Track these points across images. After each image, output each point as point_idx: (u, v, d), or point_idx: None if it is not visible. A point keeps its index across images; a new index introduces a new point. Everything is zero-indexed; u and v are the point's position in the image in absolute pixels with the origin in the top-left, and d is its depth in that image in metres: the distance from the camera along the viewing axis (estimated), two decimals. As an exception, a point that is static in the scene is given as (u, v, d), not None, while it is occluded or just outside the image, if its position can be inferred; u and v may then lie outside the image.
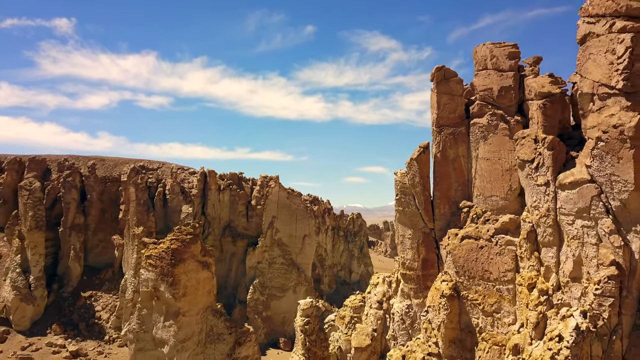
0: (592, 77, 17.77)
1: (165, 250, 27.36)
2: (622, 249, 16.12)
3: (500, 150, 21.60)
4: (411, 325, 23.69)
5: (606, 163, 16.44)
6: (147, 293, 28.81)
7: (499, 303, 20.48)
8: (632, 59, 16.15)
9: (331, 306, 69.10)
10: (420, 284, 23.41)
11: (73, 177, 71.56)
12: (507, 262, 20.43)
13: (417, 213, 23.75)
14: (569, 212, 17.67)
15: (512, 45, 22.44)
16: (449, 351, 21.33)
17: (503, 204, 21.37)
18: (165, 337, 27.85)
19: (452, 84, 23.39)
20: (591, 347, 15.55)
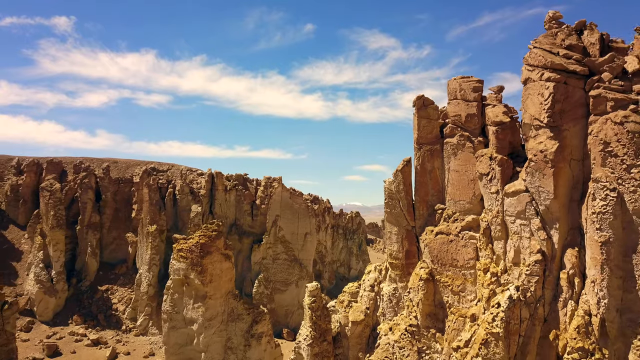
0: (529, 111, 24.00)
1: (195, 244, 33.60)
2: (546, 241, 22.38)
3: (467, 164, 27.82)
4: (397, 304, 29.98)
5: (535, 178, 22.68)
6: (179, 280, 35.02)
7: (464, 284, 26.74)
8: (554, 102, 22.36)
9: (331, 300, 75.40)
10: (404, 271, 29.68)
11: (89, 178, 77.76)
12: (470, 253, 26.68)
13: (401, 214, 30.02)
14: (512, 214, 23.93)
15: (476, 80, 28.63)
16: (426, 322, 27.61)
17: (468, 206, 27.62)
18: (194, 316, 34.13)
19: (430, 110, 29.61)
20: (521, 311, 21.82)
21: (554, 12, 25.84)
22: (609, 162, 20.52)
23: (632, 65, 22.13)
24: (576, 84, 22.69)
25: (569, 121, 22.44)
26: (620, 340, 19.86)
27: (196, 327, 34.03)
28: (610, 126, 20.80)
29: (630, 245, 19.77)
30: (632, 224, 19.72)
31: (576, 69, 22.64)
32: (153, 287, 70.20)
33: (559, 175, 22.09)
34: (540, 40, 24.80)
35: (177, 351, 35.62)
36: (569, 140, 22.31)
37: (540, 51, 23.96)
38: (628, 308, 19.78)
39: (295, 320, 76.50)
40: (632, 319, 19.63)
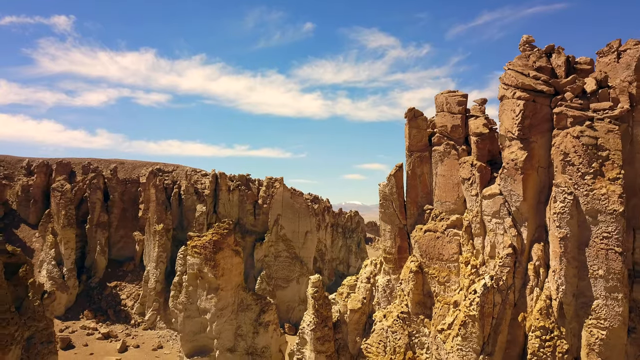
0: (504, 125, 27.94)
1: (208, 241, 37.52)
2: (516, 237, 26.34)
3: (452, 170, 31.76)
4: (390, 294, 33.93)
5: (508, 182, 26.62)
6: (193, 274, 38.93)
7: (449, 276, 30.69)
8: (523, 117, 26.29)
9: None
10: (396, 264, 33.64)
11: (97, 179, 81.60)
12: (454, 248, 30.62)
13: (394, 213, 33.96)
14: (488, 214, 27.88)
15: (461, 95, 32.57)
16: (415, 310, 31.58)
17: (453, 207, 31.56)
18: (207, 306, 38.06)
19: (419, 121, 33.55)
20: (494, 297, 25.78)
21: (527, 37, 29.78)
22: (568, 170, 24.47)
23: (591, 86, 26.08)
24: (543, 101, 26.63)
25: (536, 134, 26.38)
26: (575, 320, 23.83)
27: (209, 316, 37.98)
28: (569, 139, 24.75)
29: (584, 240, 23.71)
30: (585, 223, 23.65)
31: (543, 88, 26.58)
32: (160, 283, 74.08)
33: (528, 181, 26.03)
34: (514, 63, 28.76)
35: (192, 338, 39.58)
36: (536, 151, 26.25)
37: (514, 72, 27.91)
38: (582, 293, 23.74)
39: (297, 316, 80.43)
40: (585, 302, 23.59)
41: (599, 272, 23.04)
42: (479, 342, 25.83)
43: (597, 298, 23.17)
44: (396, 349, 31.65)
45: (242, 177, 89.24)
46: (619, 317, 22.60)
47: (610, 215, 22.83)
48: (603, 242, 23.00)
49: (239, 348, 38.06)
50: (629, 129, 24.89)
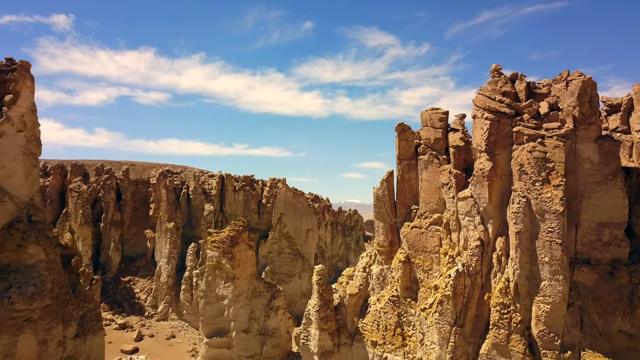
0: (475, 139, 34.56)
1: (225, 237, 44.11)
2: (483, 232, 32.97)
3: (434, 176, 38.39)
4: (383, 281, 40.60)
5: (477, 187, 33.24)
6: (212, 265, 45.51)
7: (431, 265, 37.33)
8: (489, 134, 32.88)
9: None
10: (388, 256, 40.29)
11: (111, 180, 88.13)
12: (436, 241, 37.26)
13: (386, 213, 40.60)
14: (462, 213, 34.50)
15: (442, 112, 39.16)
16: (404, 294, 38.23)
17: (435, 207, 38.20)
18: (225, 293, 44.69)
19: (407, 134, 40.16)
20: (465, 280, 32.43)
21: (496, 65, 36.38)
22: (522, 177, 31.11)
23: (544, 109, 32.72)
24: (506, 121, 33.25)
25: (500, 148, 33.00)
26: (527, 297, 30.49)
27: (227, 302, 44.54)
28: (524, 153, 31.37)
29: (534, 234, 30.33)
30: (535, 220, 30.28)
31: (506, 111, 33.20)
32: (172, 277, 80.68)
33: (492, 186, 32.65)
34: (484, 88, 35.36)
35: (212, 321, 46.13)
36: (499, 162, 32.87)
37: (483, 97, 34.54)
38: (532, 276, 30.39)
39: (299, 308, 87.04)
40: (535, 283, 30.24)
41: (545, 259, 29.70)
42: (453, 316, 32.51)
43: (543, 280, 29.84)
44: (387, 327, 38.34)
45: (246, 178, 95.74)
46: (560, 294, 29.26)
47: (554, 214, 29.48)
48: (548, 235, 29.65)
49: (252, 329, 44.74)
50: (573, 144, 31.51)
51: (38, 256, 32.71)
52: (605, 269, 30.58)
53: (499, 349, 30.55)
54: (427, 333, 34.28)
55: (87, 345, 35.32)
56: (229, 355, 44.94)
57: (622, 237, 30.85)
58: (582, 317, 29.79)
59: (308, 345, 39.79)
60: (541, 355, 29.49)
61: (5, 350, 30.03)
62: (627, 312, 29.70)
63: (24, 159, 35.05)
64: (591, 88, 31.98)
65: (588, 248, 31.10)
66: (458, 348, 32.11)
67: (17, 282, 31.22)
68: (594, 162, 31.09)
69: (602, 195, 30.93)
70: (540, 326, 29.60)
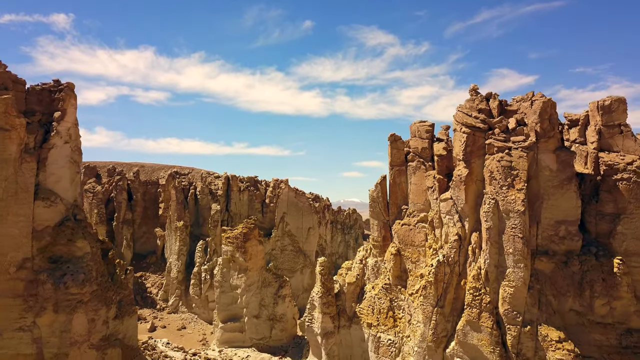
0: (455, 149, 41.47)
1: (239, 233, 51.01)
2: (461, 229, 39.88)
3: (421, 180, 45.28)
4: (377, 271, 47.51)
5: (455, 191, 40.13)
6: (227, 259, 52.38)
7: (418, 257, 44.23)
8: (466, 146, 39.77)
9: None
10: (381, 249, 47.19)
11: (122, 181, 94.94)
12: (422, 237, 44.14)
13: (380, 212, 47.49)
14: (444, 212, 41.40)
15: (428, 125, 46.03)
16: (395, 282, 45.13)
17: (421, 207, 45.09)
18: (238, 283, 51.58)
19: (399, 144, 47.03)
20: (445, 268, 39.33)
21: (474, 85, 43.28)
22: (492, 182, 37.98)
23: (512, 124, 39.62)
24: (480, 135, 40.12)
25: (475, 157, 39.88)
26: (495, 282, 37.40)
27: (239, 291, 51.37)
28: (494, 162, 38.24)
29: (501, 230, 37.19)
30: (502, 218, 37.13)
31: (480, 126, 40.09)
32: (181, 273, 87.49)
33: (468, 190, 39.52)
34: (462, 105, 42.24)
35: (226, 308, 52.90)
36: (474, 169, 39.73)
37: (461, 113, 41.44)
38: (500, 264, 37.26)
39: (301, 302, 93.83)
40: (502, 270, 37.12)
41: (509, 250, 36.61)
42: (434, 299, 39.44)
43: (508, 267, 36.74)
44: (381, 311, 45.29)
45: (250, 179, 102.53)
46: (522, 279, 36.15)
47: (516, 213, 36.38)
48: (512, 230, 36.55)
49: (262, 315, 51.63)
50: (535, 155, 38.38)
51: (85, 249, 39.57)
52: (560, 259, 37.53)
53: (472, 325, 37.48)
54: (414, 314, 41.23)
55: (124, 325, 42.23)
56: (241, 338, 51.86)
57: (576, 232, 37.80)
58: (540, 298, 36.72)
59: (312, 327, 46.74)
60: (506, 330, 36.43)
61: (62, 326, 36.96)
62: (577, 294, 36.68)
63: (70, 167, 41.84)
64: (551, 107, 38.91)
65: (547, 241, 38.04)
66: (439, 325, 39.06)
67: (70, 271, 38.09)
68: (553, 170, 38.01)
69: (559, 197, 37.87)
70: (506, 305, 36.51)
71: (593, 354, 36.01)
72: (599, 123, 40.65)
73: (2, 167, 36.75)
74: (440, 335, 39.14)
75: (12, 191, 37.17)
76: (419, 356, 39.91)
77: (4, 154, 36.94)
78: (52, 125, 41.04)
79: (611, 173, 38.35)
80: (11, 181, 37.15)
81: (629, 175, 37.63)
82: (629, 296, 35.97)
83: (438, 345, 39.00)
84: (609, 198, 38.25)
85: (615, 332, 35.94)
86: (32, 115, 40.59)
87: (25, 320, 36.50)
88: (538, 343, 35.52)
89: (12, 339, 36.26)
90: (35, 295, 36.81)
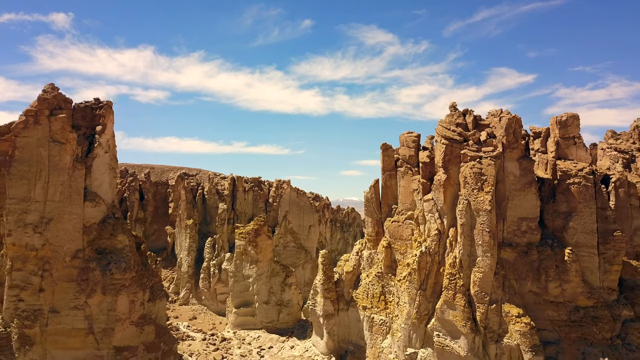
0: (436, 158, 50.24)
1: (251, 229, 59.69)
2: (440, 225, 48.63)
3: (408, 183, 54.03)
4: (371, 262, 56.29)
5: (436, 192, 48.89)
6: (240, 252, 61.05)
7: (406, 249, 53.00)
8: (445, 155, 48.52)
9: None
10: (375, 243, 55.97)
11: (135, 182, 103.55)
12: (409, 232, 52.91)
13: (374, 210, 56.26)
14: (427, 211, 50.16)
15: (415, 135, 54.79)
16: (386, 271, 53.92)
17: (409, 206, 53.85)
18: (250, 273, 60.32)
19: (389, 152, 55.78)
20: (426, 258, 48.10)
21: (453, 103, 52.03)
22: (466, 186, 46.70)
23: (483, 137, 48.36)
24: (457, 146, 48.83)
25: (452, 165, 48.59)
26: (468, 269, 46.15)
27: (251, 280, 60.07)
28: (467, 169, 46.95)
29: (473, 225, 45.92)
30: (473, 216, 45.86)
31: (457, 138, 48.81)
32: (191, 268, 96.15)
33: (446, 192, 48.22)
34: (443, 120, 50.97)
35: (239, 295, 61.51)
36: (452, 175, 48.43)
37: (441, 127, 50.17)
38: (472, 254, 46.02)
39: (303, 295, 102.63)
40: (473, 259, 45.88)
41: (479, 242, 45.34)
42: (418, 283, 48.19)
43: (478, 257, 45.47)
44: (374, 295, 54.07)
45: (254, 180, 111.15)
46: (489, 266, 44.89)
47: (484, 212, 45.11)
48: (481, 226, 45.29)
49: (271, 301, 60.38)
50: (502, 163, 47.09)
51: (125, 242, 48.24)
52: (522, 249, 46.31)
53: (448, 304, 46.27)
54: (401, 296, 50.03)
55: (156, 307, 50.92)
56: (253, 321, 60.54)
57: (535, 227, 46.58)
58: (504, 282, 45.52)
59: (315, 309, 55.54)
60: (476, 308, 45.21)
61: (109, 306, 45.65)
62: (535, 278, 45.49)
63: (109, 172, 50.43)
64: (515, 123, 47.65)
65: (511, 235, 46.84)
66: (421, 305, 47.85)
67: (113, 260, 46.77)
68: (516, 175, 46.78)
69: (521, 198, 46.64)
70: (476, 288, 45.27)
71: (547, 327, 44.88)
72: (557, 136, 49.46)
73: (59, 174, 45.40)
74: (422, 313, 47.93)
75: (66, 194, 45.81)
76: (405, 331, 48.75)
77: (60, 163, 45.56)
78: (94, 137, 49.61)
79: (565, 178, 47.14)
80: (66, 186, 45.79)
81: (579, 179, 46.43)
82: (577, 280, 44.78)
83: (421, 321, 47.82)
84: (563, 199, 47.05)
85: (565, 309, 44.79)
86: (78, 129, 49.13)
87: (79, 300, 45.15)
88: (502, 318, 44.33)
89: (68, 315, 44.93)
90: (87, 280, 45.44)
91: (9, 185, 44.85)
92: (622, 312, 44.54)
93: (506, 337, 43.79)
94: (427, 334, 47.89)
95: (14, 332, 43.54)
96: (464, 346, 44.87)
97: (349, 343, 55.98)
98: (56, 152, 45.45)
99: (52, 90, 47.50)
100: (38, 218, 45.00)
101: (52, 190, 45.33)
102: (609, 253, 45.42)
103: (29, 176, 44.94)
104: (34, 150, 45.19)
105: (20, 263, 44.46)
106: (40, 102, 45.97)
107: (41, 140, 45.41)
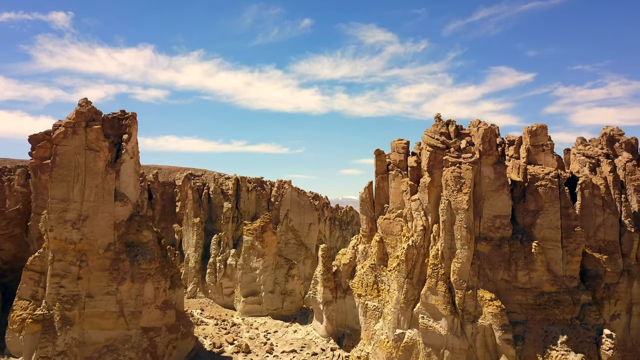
0: (422, 163, 58.39)
1: (257, 226, 67.78)
2: (426, 221, 56.78)
3: (398, 185, 62.18)
4: (365, 255, 64.45)
5: (422, 194, 57.02)
6: (248, 246, 69.16)
7: (396, 243, 61.14)
8: (429, 161, 56.65)
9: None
10: (369, 238, 64.14)
11: (143, 182, 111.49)
12: (399, 228, 61.04)
13: (368, 209, 64.43)
14: (414, 210, 58.28)
15: (405, 142, 62.94)
16: (379, 262, 62.09)
17: (399, 205, 61.99)
18: (257, 266, 68.50)
19: (382, 157, 63.93)
20: (413, 250, 56.24)
21: (438, 114, 60.14)
22: (447, 188, 54.83)
23: (463, 145, 56.50)
24: (440, 153, 56.93)
25: (436, 169, 56.70)
26: (449, 259, 54.27)
27: (258, 272, 68.24)
28: (449, 173, 55.05)
29: (453, 222, 54.01)
30: (453, 214, 53.95)
31: (440, 146, 56.93)
32: (198, 263, 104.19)
33: (431, 194, 56.33)
34: (428, 130, 59.08)
35: (247, 286, 69.55)
36: (435, 178, 56.53)
37: (427, 136, 58.30)
38: (452, 247, 54.14)
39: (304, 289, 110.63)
40: (453, 251, 54.01)
41: (458, 237, 53.48)
42: (405, 273, 56.34)
43: (457, 249, 53.60)
44: (368, 284, 62.24)
45: (257, 180, 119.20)
46: (466, 257, 53.02)
47: (463, 210, 53.23)
48: (460, 223, 53.41)
49: (276, 291, 68.54)
50: (479, 167, 55.19)
51: (149, 237, 56.35)
52: (496, 243, 54.43)
53: (432, 290, 54.42)
54: (391, 284, 58.20)
55: (175, 294, 59.07)
56: (259, 309, 68.64)
57: (507, 224, 54.70)
58: (479, 271, 53.68)
59: (316, 297, 63.69)
60: (455, 293, 53.36)
61: (137, 292, 53.78)
62: (506, 267, 53.64)
63: (134, 175, 58.50)
64: (490, 132, 55.75)
65: (486, 230, 54.97)
66: (408, 292, 56.03)
67: (140, 252, 54.87)
68: (491, 178, 54.89)
69: (495, 198, 54.76)
70: (455, 276, 53.39)
71: (515, 310, 53.07)
72: (528, 144, 57.59)
73: (95, 177, 53.48)
74: (409, 299, 56.11)
75: (100, 195, 53.89)
76: (394, 315, 56.94)
77: (95, 168, 53.64)
78: (121, 144, 57.69)
79: (534, 181, 55.25)
80: (100, 188, 53.87)
81: (546, 182, 54.56)
82: (542, 269, 52.93)
83: (408, 306, 56.01)
84: (532, 199, 55.17)
85: (532, 294, 52.96)
86: (107, 137, 57.20)
87: (111, 287, 53.27)
88: (477, 302, 52.51)
89: (102, 300, 53.05)
90: (118, 269, 53.55)
91: (51, 187, 52.96)
92: (581, 297, 52.69)
93: (481, 318, 51.94)
94: (414, 317, 56.06)
95: (56, 314, 51.64)
96: (445, 326, 53.03)
97: (346, 327, 64.17)
98: (91, 159, 53.52)
99: (86, 104, 55.54)
100: (76, 216, 53.09)
101: (88, 192, 53.43)
102: (571, 246, 53.53)
103: (68, 179, 53.04)
104: (72, 157, 53.28)
105: (60, 255, 52.56)
106: (78, 115, 54.01)
107: (78, 148, 53.48)
